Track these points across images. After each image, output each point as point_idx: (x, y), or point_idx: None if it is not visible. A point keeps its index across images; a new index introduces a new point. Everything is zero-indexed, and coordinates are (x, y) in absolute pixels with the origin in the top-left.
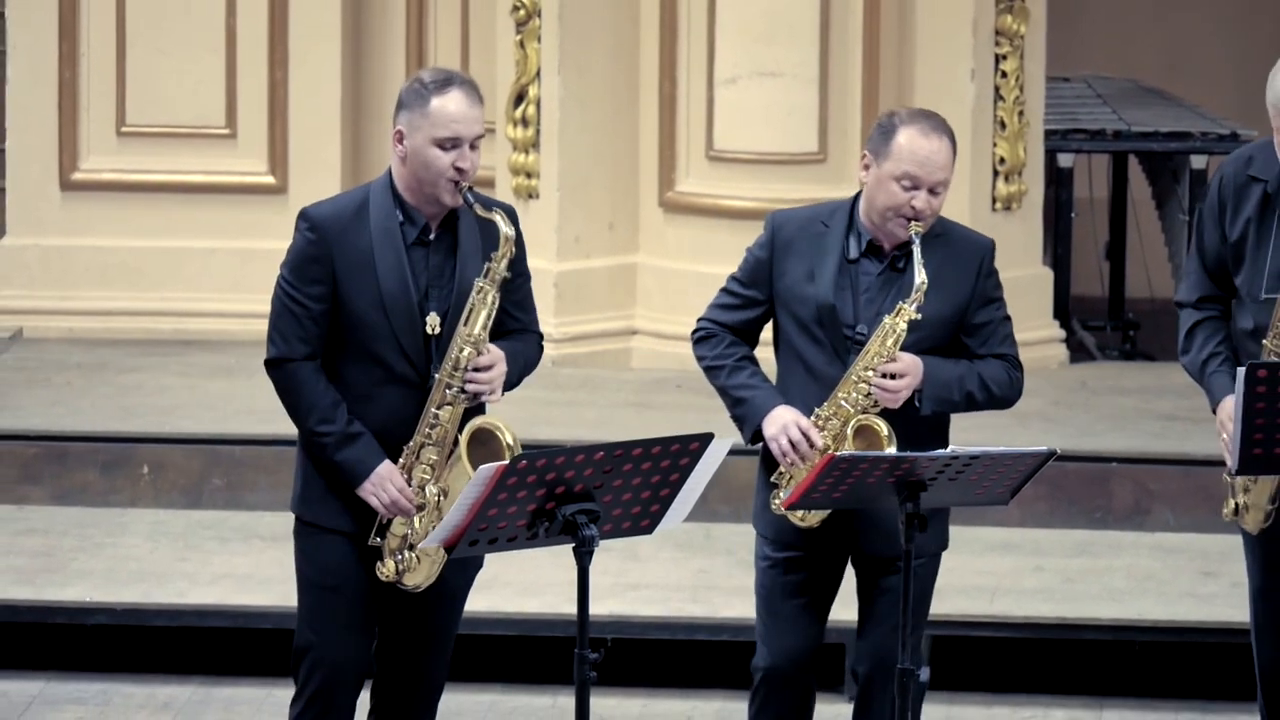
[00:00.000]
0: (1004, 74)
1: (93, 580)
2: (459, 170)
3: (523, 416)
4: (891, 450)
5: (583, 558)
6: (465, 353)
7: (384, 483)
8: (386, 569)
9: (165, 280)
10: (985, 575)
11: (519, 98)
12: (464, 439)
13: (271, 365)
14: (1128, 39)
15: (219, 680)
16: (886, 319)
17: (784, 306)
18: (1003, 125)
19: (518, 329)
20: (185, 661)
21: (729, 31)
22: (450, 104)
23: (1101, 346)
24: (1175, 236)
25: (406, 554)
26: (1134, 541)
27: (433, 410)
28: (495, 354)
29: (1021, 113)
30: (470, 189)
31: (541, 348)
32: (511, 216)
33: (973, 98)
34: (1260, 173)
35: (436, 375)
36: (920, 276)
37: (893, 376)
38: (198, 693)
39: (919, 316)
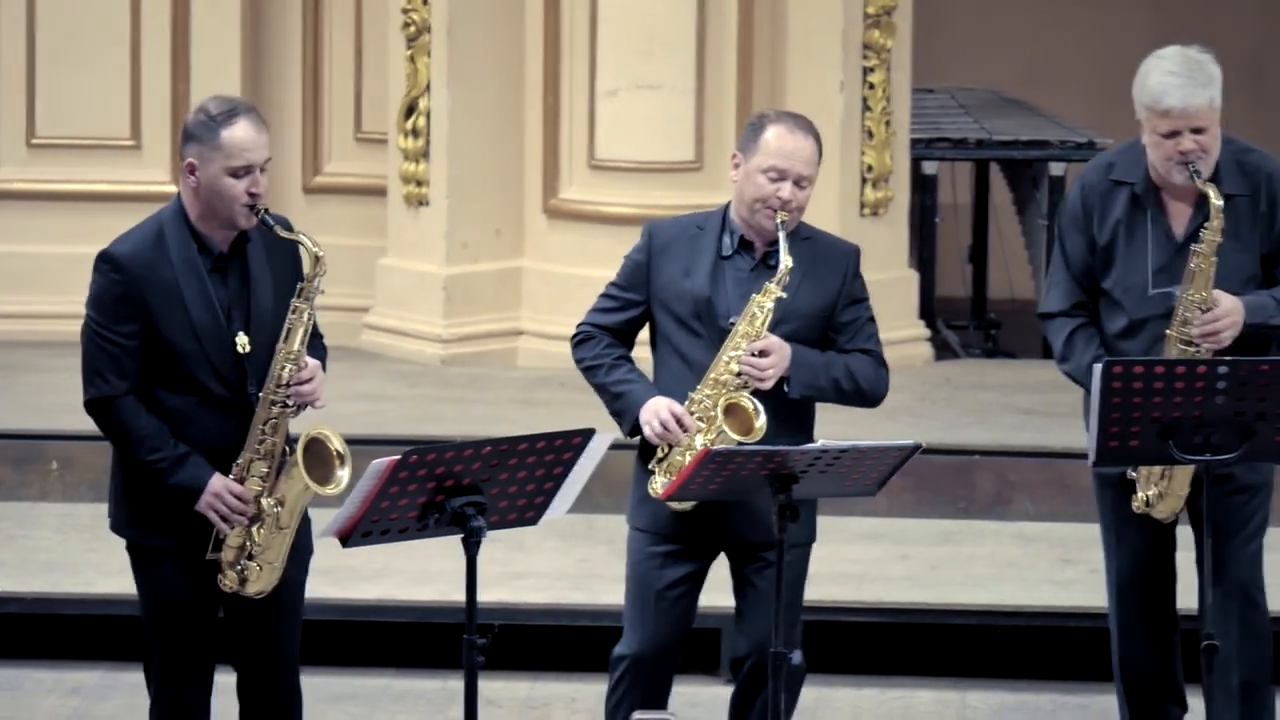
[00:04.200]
0: (871, 85)
1: (4, 570)
2: (252, 195)
3: (413, 414)
4: (760, 424)
5: (471, 548)
6: (287, 370)
7: (221, 495)
8: (229, 580)
9: (73, 285)
10: (854, 563)
11: (410, 109)
12: (300, 449)
13: (92, 406)
14: (989, 52)
15: (125, 666)
16: (755, 297)
17: (661, 305)
18: (870, 134)
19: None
20: (93, 648)
21: (609, 46)
22: (239, 134)
23: (964, 345)
24: (1035, 240)
25: (246, 563)
26: (996, 530)
27: (260, 427)
28: (312, 366)
29: (888, 122)
30: (265, 211)
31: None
32: (289, 228)
33: (842, 108)
34: (1124, 176)
35: (261, 394)
36: (785, 259)
37: (762, 355)
38: (105, 677)
39: (785, 295)
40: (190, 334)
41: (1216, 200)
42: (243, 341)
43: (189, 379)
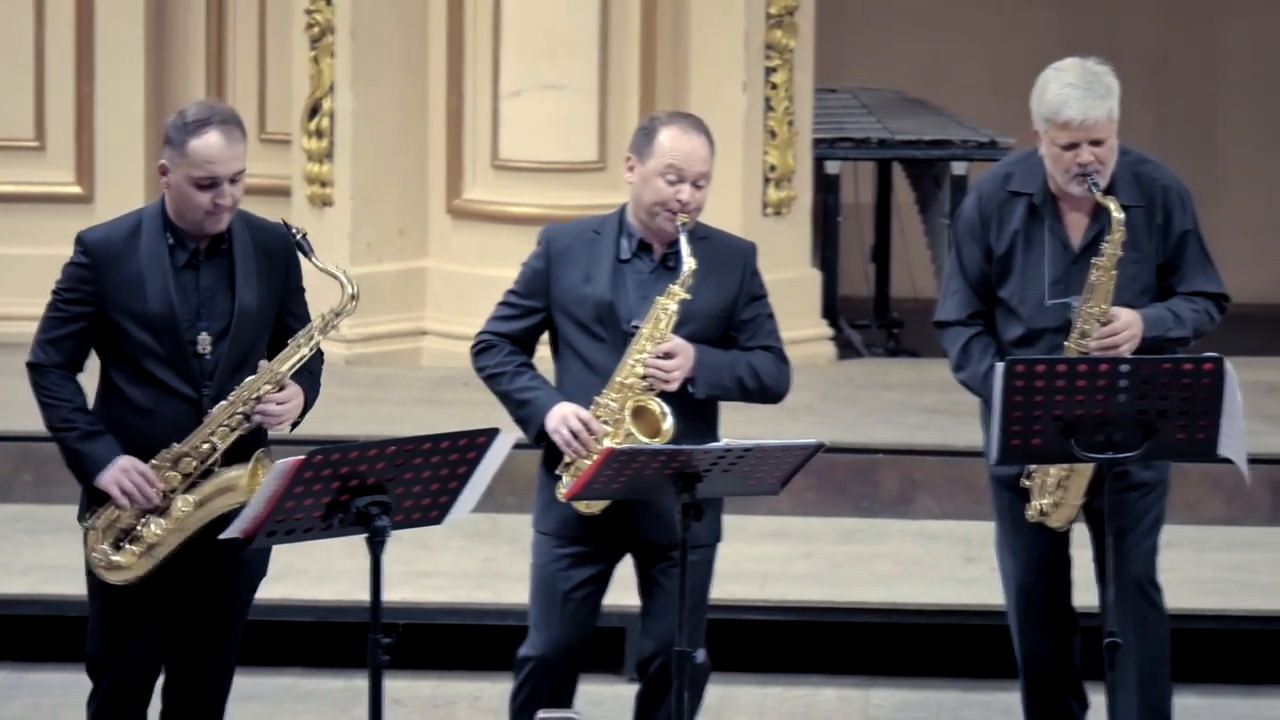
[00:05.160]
0: (774, 86)
1: None
2: (217, 205)
3: (318, 413)
4: (668, 426)
5: (375, 547)
6: (265, 388)
7: (129, 471)
8: (96, 555)
9: None
10: (758, 562)
11: (314, 110)
12: (252, 463)
13: (29, 367)
14: (892, 53)
15: (30, 666)
16: (659, 299)
17: (562, 311)
18: (773, 134)
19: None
20: None
21: (513, 47)
22: (206, 146)
23: (867, 344)
24: (937, 239)
25: (127, 546)
26: (899, 529)
27: (211, 428)
28: (291, 392)
29: (791, 122)
30: (304, 235)
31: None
32: (283, 234)
33: (744, 108)
34: (1021, 187)
35: (229, 398)
36: (689, 262)
37: (666, 356)
38: (10, 677)
39: (689, 297)
40: (146, 326)
41: (1117, 214)
42: (204, 342)
43: (146, 371)
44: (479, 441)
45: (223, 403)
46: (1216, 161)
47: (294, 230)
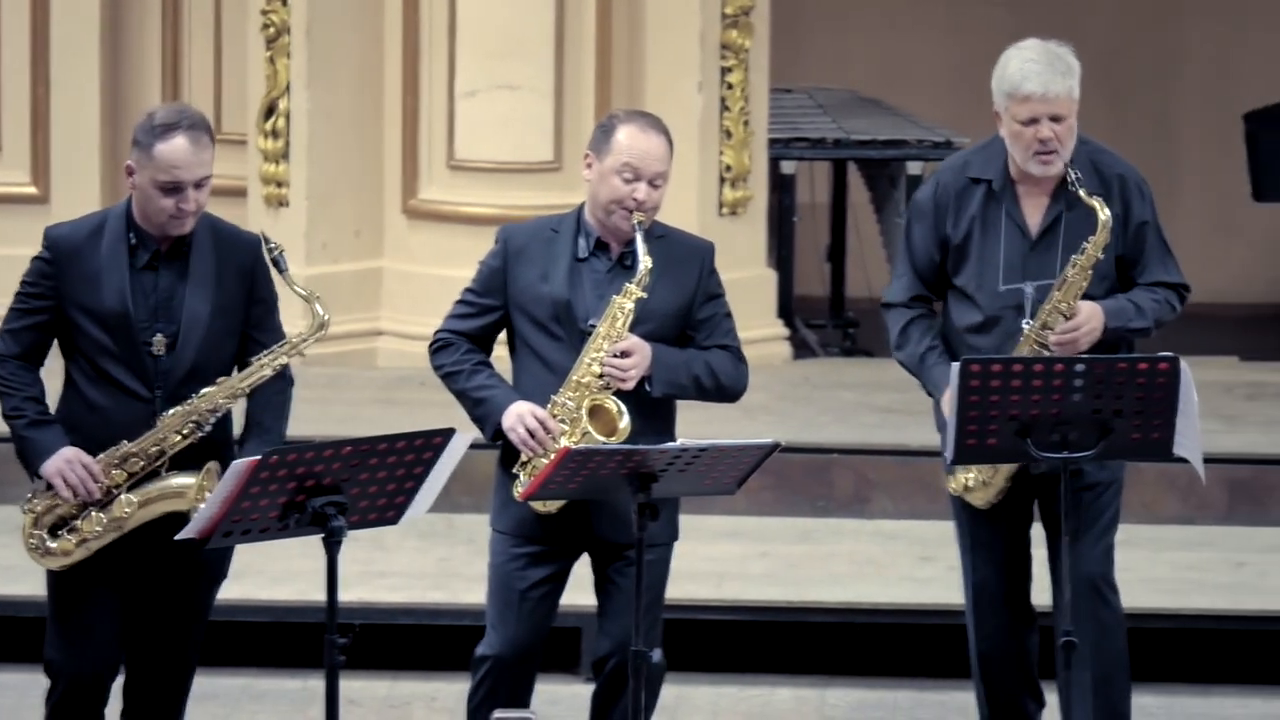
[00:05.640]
0: (730, 86)
1: None
2: (180, 210)
3: None
4: (624, 425)
5: (331, 547)
6: (222, 402)
7: (73, 463)
8: (30, 540)
9: None
10: (714, 561)
11: (269, 111)
12: (203, 472)
13: None
14: (847, 53)
15: None
16: (615, 298)
17: (520, 309)
18: (729, 134)
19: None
20: None
21: (468, 47)
22: (171, 151)
23: (823, 344)
24: (893, 239)
25: (64, 535)
26: (855, 528)
27: (163, 433)
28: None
29: (746, 122)
30: (281, 252)
31: (289, 380)
32: (252, 245)
33: (700, 108)
34: (980, 173)
35: (186, 404)
36: (644, 260)
37: (623, 355)
38: None
39: (645, 295)
40: (101, 325)
41: (1104, 215)
42: (159, 343)
43: (102, 369)
44: (435, 442)
45: (178, 409)
46: (1173, 161)
47: (271, 245)
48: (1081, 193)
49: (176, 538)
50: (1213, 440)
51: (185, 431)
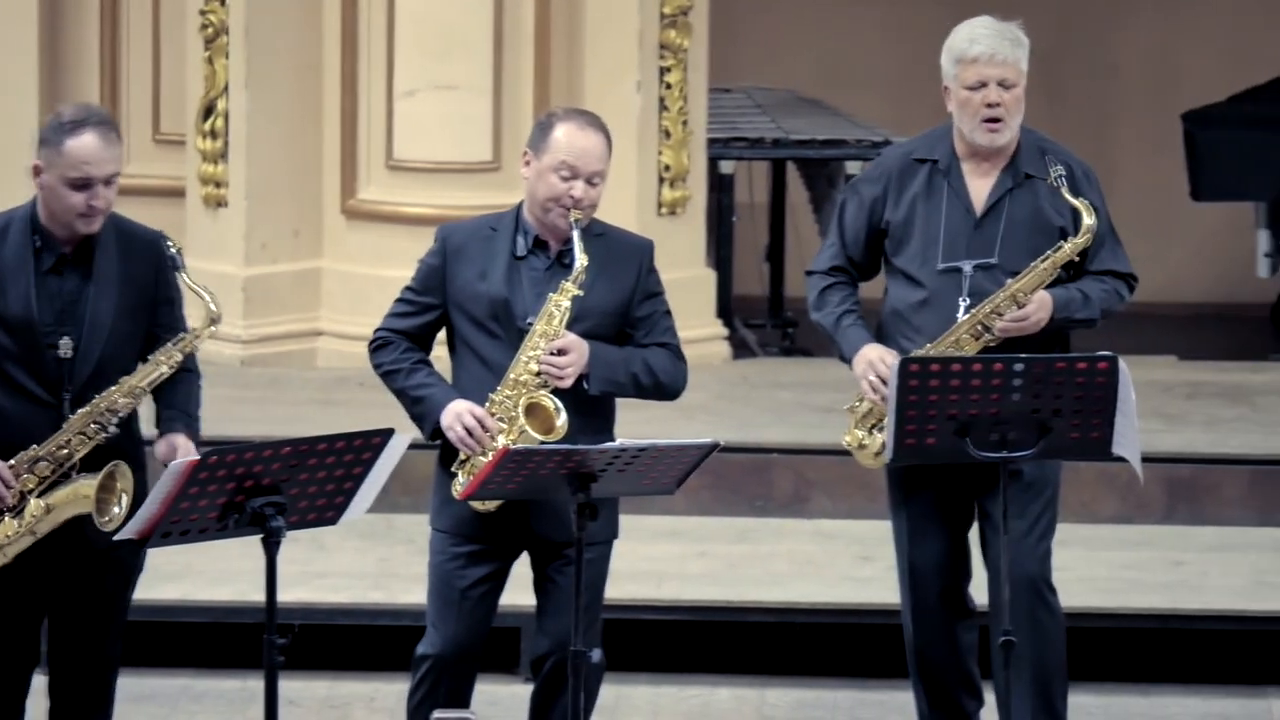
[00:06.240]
0: (668, 85)
1: None
2: (91, 208)
3: (212, 414)
4: (561, 422)
5: (271, 548)
6: (122, 402)
7: None
8: None
9: None
10: (653, 561)
11: (208, 111)
12: (101, 476)
13: None
14: (785, 53)
15: None
16: (552, 296)
17: (458, 307)
18: (667, 134)
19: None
20: None
21: (407, 47)
22: (82, 147)
23: (762, 343)
24: None
25: None
26: (794, 528)
27: (69, 435)
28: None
29: (685, 122)
30: (179, 251)
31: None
32: (155, 240)
33: (639, 108)
34: (926, 155)
35: (88, 406)
36: (581, 258)
37: (560, 353)
38: None
39: (582, 293)
40: (5, 330)
41: (1089, 219)
42: (66, 346)
43: (6, 375)
44: (374, 442)
45: (82, 410)
46: (1111, 162)
47: (169, 244)
48: (1065, 194)
49: (115, 539)
50: (1151, 440)
51: (90, 433)
